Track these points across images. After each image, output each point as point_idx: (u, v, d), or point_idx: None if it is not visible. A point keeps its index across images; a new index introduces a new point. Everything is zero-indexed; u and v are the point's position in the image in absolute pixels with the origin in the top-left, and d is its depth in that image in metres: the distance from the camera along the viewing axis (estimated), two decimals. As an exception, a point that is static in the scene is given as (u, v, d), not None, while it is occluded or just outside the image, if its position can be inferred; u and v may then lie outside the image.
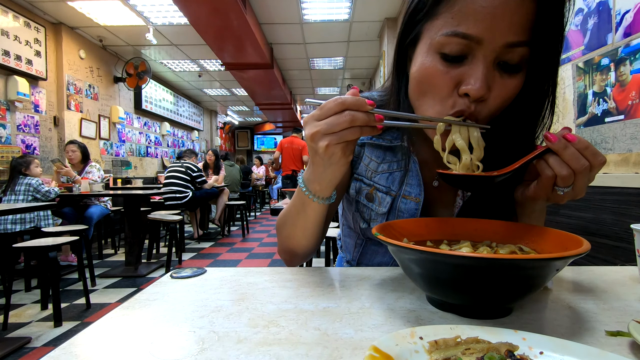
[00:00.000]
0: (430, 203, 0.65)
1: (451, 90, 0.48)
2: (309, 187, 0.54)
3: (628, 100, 1.25)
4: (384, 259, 0.71)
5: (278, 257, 3.99)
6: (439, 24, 0.47)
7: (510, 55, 0.46)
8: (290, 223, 0.61)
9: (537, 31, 0.45)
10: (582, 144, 0.43)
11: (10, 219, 2.81)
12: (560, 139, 0.44)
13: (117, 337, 0.37)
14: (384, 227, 0.51)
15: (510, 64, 0.46)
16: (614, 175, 1.30)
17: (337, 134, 0.44)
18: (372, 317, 0.41)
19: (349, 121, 0.43)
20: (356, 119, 0.43)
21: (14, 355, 1.84)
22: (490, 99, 0.48)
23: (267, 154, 13.17)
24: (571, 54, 1.53)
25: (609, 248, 1.30)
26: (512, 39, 0.44)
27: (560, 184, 0.45)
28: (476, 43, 0.45)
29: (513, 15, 0.43)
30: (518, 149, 0.54)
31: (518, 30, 0.44)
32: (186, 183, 4.43)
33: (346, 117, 0.43)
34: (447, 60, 0.47)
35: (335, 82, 7.58)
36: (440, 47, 0.47)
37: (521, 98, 0.51)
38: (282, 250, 0.66)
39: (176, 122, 7.79)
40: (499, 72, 0.47)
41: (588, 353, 0.29)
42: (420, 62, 0.50)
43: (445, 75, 0.48)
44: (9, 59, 3.69)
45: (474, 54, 0.46)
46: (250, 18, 3.98)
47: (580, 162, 0.43)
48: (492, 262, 0.35)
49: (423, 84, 0.51)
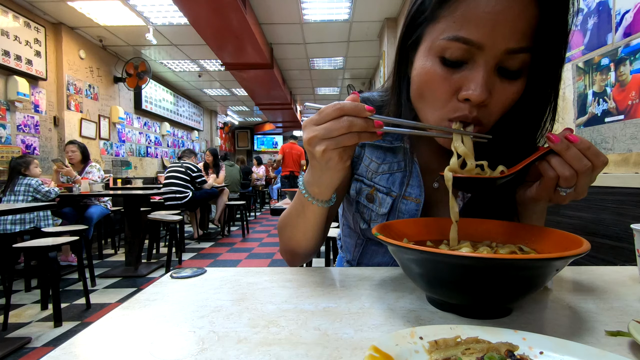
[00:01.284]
0: (430, 204, 0.65)
1: (451, 96, 0.48)
2: (309, 190, 0.55)
3: (628, 100, 1.25)
4: (384, 259, 0.71)
5: (278, 257, 3.99)
6: (440, 28, 0.47)
7: (511, 61, 0.45)
8: (291, 225, 0.61)
9: (540, 37, 0.44)
10: (584, 145, 0.43)
11: (10, 220, 2.81)
12: (562, 139, 0.43)
13: (117, 337, 0.37)
14: (383, 227, 0.51)
15: (511, 70, 0.46)
16: (614, 175, 1.30)
17: (334, 139, 0.44)
18: (372, 317, 0.41)
19: (347, 127, 0.43)
20: (354, 125, 0.43)
21: (14, 355, 1.84)
22: (491, 104, 0.47)
23: (267, 154, 13.18)
24: (571, 54, 1.53)
25: (609, 248, 1.30)
26: (514, 45, 0.44)
27: (563, 184, 0.45)
28: (477, 48, 0.44)
29: (515, 21, 0.43)
30: (519, 153, 0.52)
31: (520, 37, 0.43)
32: (186, 183, 4.42)
33: (344, 123, 0.43)
34: (447, 65, 0.47)
35: (335, 82, 7.58)
36: (441, 51, 0.47)
37: (523, 103, 0.50)
38: (283, 250, 0.66)
39: (176, 122, 7.79)
40: (499, 77, 0.47)
41: (588, 353, 0.29)
42: (420, 65, 0.50)
43: (445, 80, 0.48)
44: (9, 59, 3.69)
45: (474, 59, 0.45)
46: (250, 18, 3.98)
47: (582, 162, 0.43)
48: (492, 262, 0.35)
49: (423, 88, 0.51)
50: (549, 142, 0.44)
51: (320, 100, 9.29)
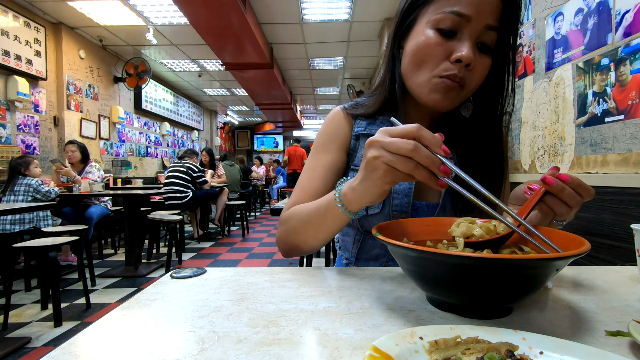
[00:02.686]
0: (420, 183, 0.70)
1: (444, 58, 0.58)
2: (342, 192, 0.53)
3: (628, 100, 1.25)
4: (382, 251, 0.73)
5: (278, 257, 3.99)
6: (434, 8, 0.59)
7: (486, 37, 0.57)
8: (306, 221, 0.61)
9: (504, 22, 0.58)
10: (574, 182, 0.47)
11: (10, 220, 2.80)
12: (556, 181, 0.46)
13: (117, 337, 0.37)
14: (383, 227, 0.51)
15: (486, 45, 0.58)
16: (614, 175, 1.30)
17: (391, 154, 0.42)
18: (372, 317, 0.41)
19: (410, 150, 0.41)
20: (418, 153, 0.41)
21: (14, 355, 1.84)
22: (473, 70, 0.58)
23: (267, 154, 13.17)
24: (571, 53, 1.53)
25: (609, 248, 1.31)
26: (492, 22, 0.56)
27: (560, 219, 0.50)
28: (466, 21, 0.56)
29: (492, 3, 0.56)
30: (486, 125, 0.68)
31: (494, 17, 0.57)
32: (187, 183, 4.43)
33: (409, 146, 0.41)
34: (441, 34, 0.58)
35: (335, 82, 7.58)
36: (437, 23, 0.58)
37: (489, 79, 0.62)
38: (283, 240, 0.66)
39: (176, 122, 7.79)
40: (478, 51, 0.58)
41: (588, 353, 0.29)
42: (416, 38, 0.60)
43: (439, 45, 0.58)
44: (9, 59, 3.69)
45: (463, 31, 0.57)
46: (250, 18, 3.98)
47: (576, 199, 0.47)
48: (492, 262, 0.35)
49: (419, 55, 0.60)
50: (545, 185, 0.47)
51: (320, 100, 9.29)
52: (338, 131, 0.74)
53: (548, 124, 1.68)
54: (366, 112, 0.73)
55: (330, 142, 0.73)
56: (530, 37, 1.85)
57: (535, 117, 1.80)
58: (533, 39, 1.82)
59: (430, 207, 0.70)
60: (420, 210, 0.70)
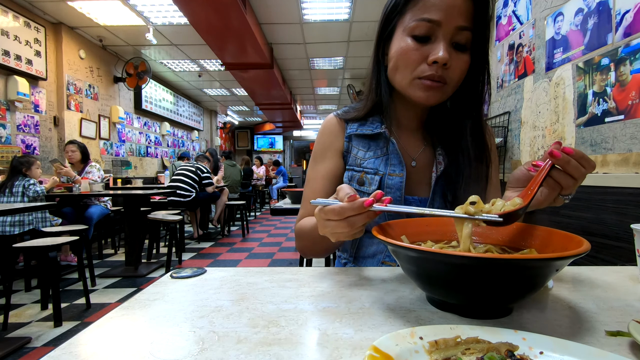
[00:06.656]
0: (410, 179, 0.75)
1: (421, 61, 0.64)
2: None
3: (628, 100, 1.25)
4: (379, 247, 0.75)
5: (278, 257, 4.00)
6: (408, 17, 0.65)
7: (459, 37, 0.62)
8: (306, 239, 0.72)
9: (476, 21, 0.62)
10: (578, 154, 0.48)
11: (9, 222, 2.78)
12: (562, 154, 0.47)
13: (117, 337, 0.37)
14: (383, 226, 0.51)
15: (461, 44, 0.63)
16: (614, 175, 1.30)
17: (341, 234, 0.48)
18: (372, 317, 0.41)
19: (349, 226, 0.47)
20: (354, 224, 0.47)
21: (14, 355, 1.84)
22: (451, 67, 0.63)
23: (267, 154, 13.17)
24: (571, 54, 1.53)
25: (609, 248, 1.31)
26: (462, 23, 0.61)
27: (565, 192, 0.50)
28: (437, 26, 0.61)
29: (461, 7, 0.61)
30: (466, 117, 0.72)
31: (464, 18, 0.61)
32: (193, 183, 4.54)
33: (344, 226, 0.47)
34: (416, 40, 0.64)
35: (335, 82, 7.57)
36: (411, 30, 0.64)
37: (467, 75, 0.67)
38: (302, 252, 0.78)
39: (176, 122, 7.79)
40: (454, 50, 0.63)
41: (588, 353, 0.29)
42: (397, 45, 0.67)
43: (416, 50, 0.63)
44: (9, 59, 3.69)
45: (436, 35, 0.62)
46: (250, 18, 3.98)
47: (580, 171, 0.48)
48: (492, 262, 0.35)
49: (400, 61, 0.66)
50: (552, 159, 0.48)
51: (320, 99, 9.29)
52: (332, 139, 0.80)
53: (548, 124, 1.68)
54: (358, 116, 0.80)
55: (325, 151, 0.80)
56: (530, 37, 1.85)
57: (535, 117, 1.80)
58: (533, 39, 1.82)
59: (422, 202, 0.75)
60: (412, 205, 0.73)
